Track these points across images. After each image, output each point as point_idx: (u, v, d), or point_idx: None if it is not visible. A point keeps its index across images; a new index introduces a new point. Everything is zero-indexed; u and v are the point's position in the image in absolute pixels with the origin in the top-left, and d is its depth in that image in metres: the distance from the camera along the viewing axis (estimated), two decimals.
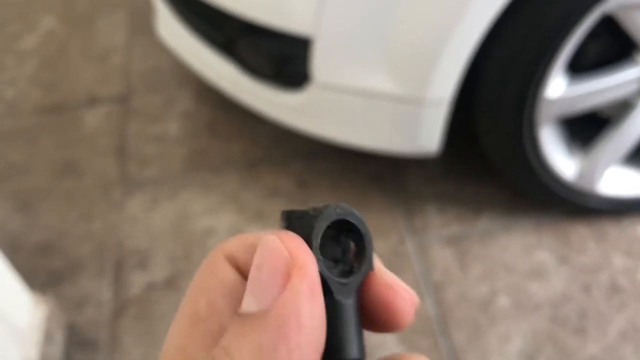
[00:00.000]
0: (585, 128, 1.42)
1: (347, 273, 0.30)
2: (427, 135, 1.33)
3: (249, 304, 0.27)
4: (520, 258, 1.49)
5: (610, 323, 1.39)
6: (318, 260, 0.29)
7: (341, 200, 0.33)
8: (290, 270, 0.27)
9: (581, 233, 1.53)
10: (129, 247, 1.57)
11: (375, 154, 1.55)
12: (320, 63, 1.28)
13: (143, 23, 2.10)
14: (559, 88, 1.26)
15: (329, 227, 0.30)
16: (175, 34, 1.59)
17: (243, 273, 0.31)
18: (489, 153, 1.42)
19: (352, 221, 0.30)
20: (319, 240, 0.29)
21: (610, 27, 1.22)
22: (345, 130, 1.41)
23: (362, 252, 0.30)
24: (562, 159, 1.40)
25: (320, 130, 1.44)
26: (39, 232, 1.64)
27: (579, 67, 1.28)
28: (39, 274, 1.53)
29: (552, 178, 1.41)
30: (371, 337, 1.14)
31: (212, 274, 0.31)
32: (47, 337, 1.33)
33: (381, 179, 1.66)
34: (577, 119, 1.37)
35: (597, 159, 1.40)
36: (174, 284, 1.49)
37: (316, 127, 1.43)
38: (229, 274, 0.31)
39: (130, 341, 1.41)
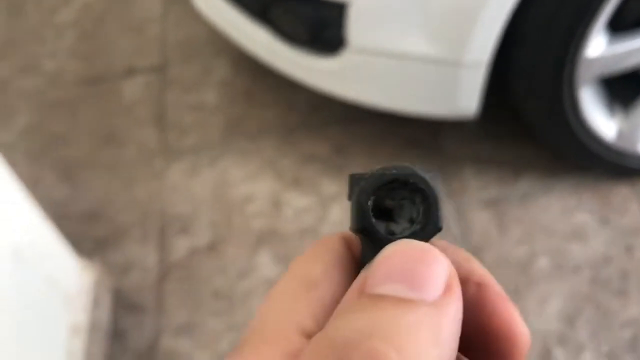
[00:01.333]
0: (626, 88, 1.39)
1: (414, 234, 0.29)
2: (465, 98, 1.32)
3: (402, 290, 0.25)
4: (560, 220, 1.48)
5: None
6: (369, 218, 0.28)
7: (377, 165, 0.33)
8: (451, 280, 0.25)
9: (622, 194, 1.51)
10: (171, 213, 1.61)
11: (412, 118, 1.54)
12: (355, 27, 1.27)
13: None
14: (599, 47, 1.23)
15: (401, 188, 0.29)
16: (210, 2, 1.60)
17: (354, 254, 0.31)
18: (527, 116, 1.41)
19: (412, 180, 0.29)
20: (369, 200, 0.29)
21: None
22: (381, 94, 1.41)
23: (427, 211, 0.29)
24: (602, 120, 1.38)
25: (356, 95, 1.44)
26: (84, 200, 1.68)
27: (619, 25, 1.25)
28: (86, 241, 1.57)
29: (592, 139, 1.39)
30: None
31: (327, 245, 0.30)
32: (95, 302, 1.38)
33: (418, 142, 1.66)
34: (617, 78, 1.34)
35: (638, 119, 1.38)
36: (215, 248, 1.52)
37: (352, 92, 1.44)
38: (343, 248, 0.30)
39: (175, 304, 1.45)
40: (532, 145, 1.60)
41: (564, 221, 1.48)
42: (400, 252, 0.26)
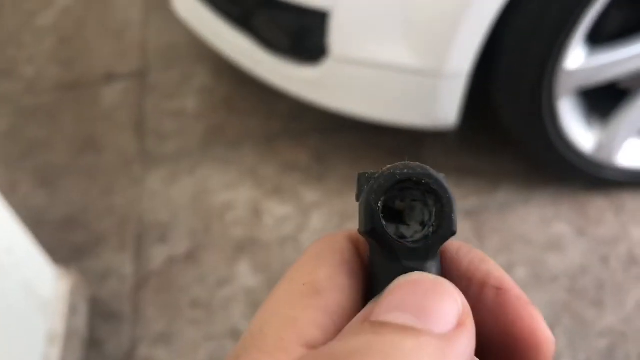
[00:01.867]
0: (604, 100, 1.41)
1: (427, 237, 0.27)
2: (445, 109, 1.33)
3: (408, 319, 0.24)
4: (538, 230, 1.50)
5: (628, 294, 1.39)
6: (380, 220, 0.27)
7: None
8: (464, 317, 0.24)
9: (599, 205, 1.53)
10: (150, 221, 1.60)
11: (393, 128, 1.55)
12: (337, 36, 1.28)
13: None
14: (578, 59, 1.25)
15: (412, 188, 0.28)
16: (192, 9, 1.59)
17: (361, 255, 0.29)
18: (507, 125, 1.42)
19: (425, 180, 0.28)
20: (380, 202, 0.27)
21: None
22: (362, 103, 1.42)
23: (441, 214, 0.28)
24: (580, 131, 1.39)
25: (337, 104, 1.44)
26: (61, 207, 1.66)
27: (598, 38, 1.27)
28: (63, 248, 1.55)
29: (571, 150, 1.40)
30: None
31: (332, 245, 0.29)
32: (72, 309, 1.36)
33: (399, 152, 1.67)
34: (595, 90, 1.36)
35: (615, 131, 1.39)
36: (194, 256, 1.51)
37: (333, 100, 1.44)
38: (349, 249, 0.29)
39: (152, 313, 1.43)
40: (512, 155, 1.61)
41: (542, 231, 1.49)
42: (412, 283, 0.25)
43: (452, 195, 0.28)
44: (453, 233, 0.28)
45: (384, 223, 0.27)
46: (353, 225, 1.52)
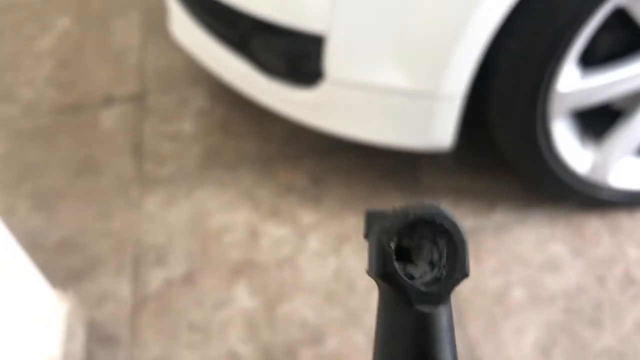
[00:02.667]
0: (598, 121, 1.42)
1: (438, 280, 0.27)
2: (441, 130, 1.34)
3: None
4: (534, 251, 1.50)
5: (625, 314, 1.40)
6: (392, 263, 0.26)
7: (356, 196, 0.31)
8: None
9: (595, 225, 1.53)
10: (147, 244, 1.60)
11: (389, 150, 1.56)
12: (333, 60, 1.29)
13: (157, 22, 2.12)
14: (571, 81, 1.26)
15: (422, 227, 0.27)
16: (189, 33, 1.61)
17: None
18: (502, 147, 1.43)
19: (438, 221, 0.27)
20: (392, 242, 0.26)
21: (622, 19, 1.22)
22: (358, 126, 1.43)
23: (454, 256, 0.27)
24: (575, 152, 1.40)
25: (333, 127, 1.45)
26: (59, 230, 1.66)
27: (591, 60, 1.28)
28: (60, 272, 1.55)
29: (565, 171, 1.41)
30: None
31: None
32: (69, 334, 1.36)
33: (395, 174, 1.67)
34: (589, 111, 1.37)
35: (610, 152, 1.40)
36: (191, 279, 1.51)
37: (330, 123, 1.45)
38: None
39: (150, 336, 1.43)
40: (507, 176, 1.62)
41: (539, 252, 1.50)
42: None
43: (465, 237, 0.27)
44: (466, 275, 0.27)
45: (397, 266, 0.27)
46: (350, 247, 1.53)
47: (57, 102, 2.02)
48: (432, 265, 0.27)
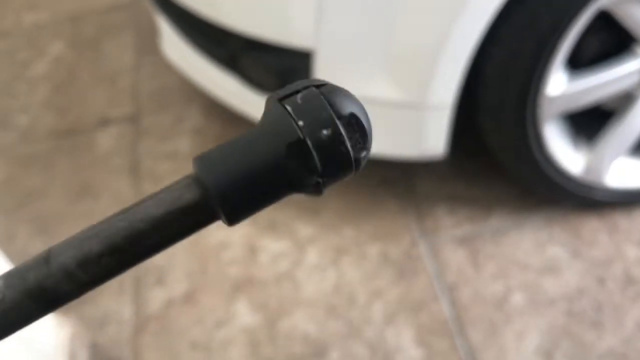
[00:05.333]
0: (590, 122, 1.43)
1: None
2: (432, 139, 1.35)
3: None
4: (533, 254, 1.50)
5: (627, 315, 1.39)
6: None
7: (353, 207, 0.35)
8: None
9: (592, 226, 1.53)
10: (147, 264, 1.60)
11: (384, 159, 1.56)
12: (321, 74, 1.30)
13: (150, 43, 2.13)
14: (560, 85, 1.27)
15: None
16: (180, 53, 1.62)
17: None
18: (495, 152, 1.43)
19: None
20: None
21: (607, 21, 1.23)
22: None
23: None
24: (568, 154, 1.41)
25: None
26: None
27: (579, 63, 1.29)
28: None
29: (559, 173, 1.42)
30: (388, 339, 1.16)
31: None
32: (72, 357, 1.36)
33: (391, 183, 1.68)
34: (581, 113, 1.38)
35: (603, 152, 1.41)
36: (191, 298, 1.52)
37: None
38: None
39: (152, 357, 1.43)
40: (503, 181, 1.63)
41: (537, 255, 1.50)
42: None
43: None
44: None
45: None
46: (349, 259, 1.53)
47: (53, 127, 2.03)
48: None
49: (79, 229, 1.35)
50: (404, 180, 1.68)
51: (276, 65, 1.36)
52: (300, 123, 0.32)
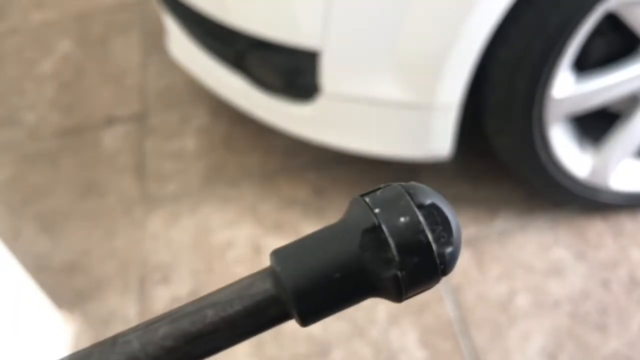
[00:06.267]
0: (596, 124, 1.42)
1: None
2: (438, 140, 1.35)
3: None
4: (538, 256, 1.50)
5: (632, 317, 1.39)
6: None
7: None
8: None
9: (598, 229, 1.53)
10: (152, 262, 1.61)
11: (390, 160, 1.56)
12: (328, 74, 1.30)
13: (156, 42, 2.14)
14: (566, 87, 1.27)
15: None
16: (187, 52, 1.63)
17: None
18: (500, 154, 1.43)
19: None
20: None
21: (614, 23, 1.23)
22: (356, 138, 1.44)
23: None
24: (574, 157, 1.41)
25: (332, 140, 1.46)
26: (64, 252, 1.68)
27: (585, 65, 1.29)
28: (66, 293, 1.56)
29: (565, 176, 1.41)
30: (392, 340, 1.16)
31: None
32: None
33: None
34: (587, 115, 1.38)
35: (609, 155, 1.40)
36: (197, 297, 1.52)
37: (328, 137, 1.46)
38: None
39: None
40: (508, 182, 1.62)
41: (542, 257, 1.49)
42: None
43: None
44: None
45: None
46: None
47: (60, 125, 2.04)
48: None
49: (84, 227, 1.37)
50: (409, 181, 1.67)
51: (283, 65, 1.36)
52: (377, 210, 0.31)
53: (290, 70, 1.37)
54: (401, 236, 0.30)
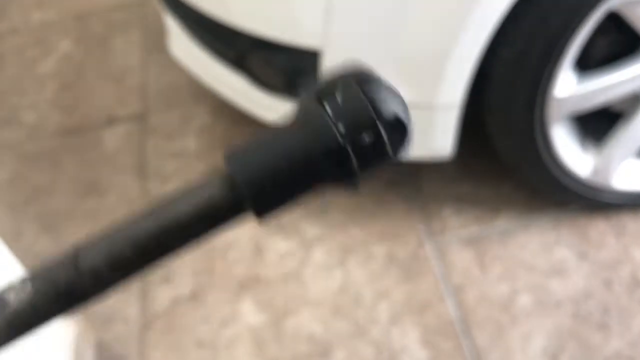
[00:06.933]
0: (598, 124, 1.42)
1: None
2: (440, 140, 1.35)
3: None
4: (540, 256, 1.50)
5: (634, 317, 1.39)
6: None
7: (360, 207, 0.34)
8: None
9: (600, 228, 1.53)
10: None
11: None
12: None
13: (157, 41, 2.14)
14: (568, 86, 1.26)
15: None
16: (188, 52, 1.62)
17: None
18: (502, 153, 1.43)
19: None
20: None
21: (616, 22, 1.23)
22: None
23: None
24: (575, 156, 1.40)
25: None
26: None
27: (587, 65, 1.28)
28: None
29: (567, 175, 1.41)
30: (393, 340, 1.16)
31: None
32: (78, 356, 1.36)
33: (398, 183, 1.68)
34: (589, 115, 1.37)
35: (611, 154, 1.40)
36: (198, 297, 1.52)
37: None
38: None
39: (159, 355, 1.44)
40: (510, 182, 1.62)
41: (544, 257, 1.49)
42: None
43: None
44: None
45: None
46: (355, 259, 1.53)
47: (60, 125, 2.04)
48: None
49: (85, 227, 1.36)
50: (411, 181, 1.68)
51: (284, 65, 1.36)
52: (341, 128, 0.31)
53: (292, 70, 1.36)
54: (364, 154, 0.31)
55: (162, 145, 1.90)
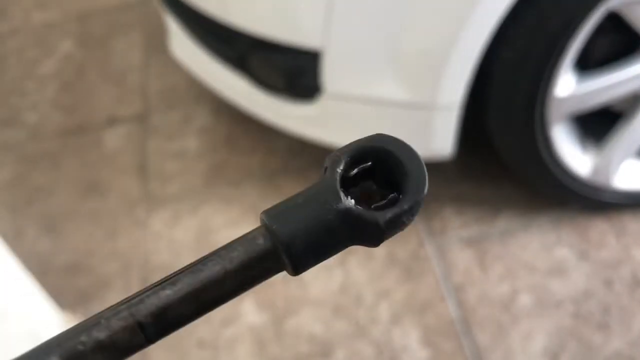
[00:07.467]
0: (598, 123, 1.42)
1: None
2: (440, 140, 1.35)
3: None
4: (540, 256, 1.50)
5: (634, 317, 1.39)
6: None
7: None
8: None
9: (600, 228, 1.53)
10: (154, 263, 1.61)
11: None
12: (330, 74, 1.30)
13: (158, 42, 2.14)
14: (568, 86, 1.26)
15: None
16: (189, 52, 1.63)
17: None
18: (502, 153, 1.43)
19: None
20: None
21: (616, 22, 1.23)
22: (358, 138, 1.43)
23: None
24: (576, 156, 1.40)
25: (334, 140, 1.46)
26: (66, 252, 1.68)
27: (588, 65, 1.28)
28: (68, 294, 1.57)
29: (567, 175, 1.41)
30: (394, 340, 1.16)
31: None
32: None
33: None
34: (589, 114, 1.37)
35: (611, 154, 1.40)
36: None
37: (330, 136, 1.46)
38: None
39: (159, 355, 1.44)
40: (511, 182, 1.62)
41: (544, 257, 1.49)
42: None
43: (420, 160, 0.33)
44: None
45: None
46: (356, 259, 1.53)
47: (61, 125, 2.04)
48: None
49: (86, 227, 1.36)
50: None
51: (285, 65, 1.36)
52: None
53: (292, 71, 1.37)
54: None
55: (163, 145, 1.91)
